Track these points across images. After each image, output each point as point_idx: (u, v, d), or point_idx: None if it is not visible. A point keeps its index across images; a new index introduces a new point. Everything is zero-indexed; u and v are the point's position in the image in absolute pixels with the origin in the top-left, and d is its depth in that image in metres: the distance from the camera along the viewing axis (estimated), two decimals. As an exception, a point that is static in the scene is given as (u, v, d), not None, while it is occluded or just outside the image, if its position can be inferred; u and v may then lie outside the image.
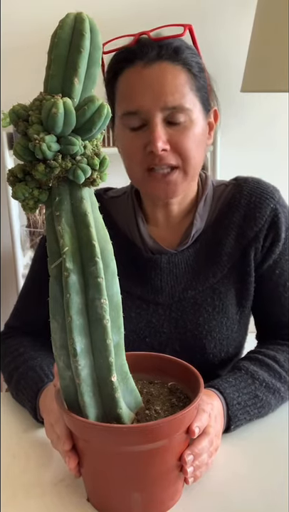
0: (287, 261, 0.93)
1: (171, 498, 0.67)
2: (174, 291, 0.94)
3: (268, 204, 0.92)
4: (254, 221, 0.92)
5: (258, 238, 0.92)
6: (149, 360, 0.75)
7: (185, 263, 0.94)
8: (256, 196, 0.93)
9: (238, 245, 0.93)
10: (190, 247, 0.95)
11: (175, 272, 0.94)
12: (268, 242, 0.93)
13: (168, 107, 0.82)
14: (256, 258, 0.93)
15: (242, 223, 0.93)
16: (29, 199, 0.56)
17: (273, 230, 0.92)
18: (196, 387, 0.66)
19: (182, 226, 0.97)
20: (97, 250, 0.57)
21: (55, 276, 0.58)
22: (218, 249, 0.94)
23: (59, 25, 0.54)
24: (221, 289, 0.94)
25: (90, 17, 0.54)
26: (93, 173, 0.56)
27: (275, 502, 0.67)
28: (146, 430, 0.59)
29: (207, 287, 0.94)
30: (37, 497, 0.69)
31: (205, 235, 0.95)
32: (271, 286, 0.94)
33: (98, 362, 0.60)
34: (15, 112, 0.54)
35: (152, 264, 0.94)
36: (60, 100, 0.51)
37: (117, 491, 0.64)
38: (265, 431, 0.82)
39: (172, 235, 0.97)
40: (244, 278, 0.94)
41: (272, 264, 0.93)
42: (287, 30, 1.39)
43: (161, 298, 0.95)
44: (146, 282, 0.95)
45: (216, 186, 0.99)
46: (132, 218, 0.97)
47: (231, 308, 0.95)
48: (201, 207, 0.95)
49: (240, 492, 0.68)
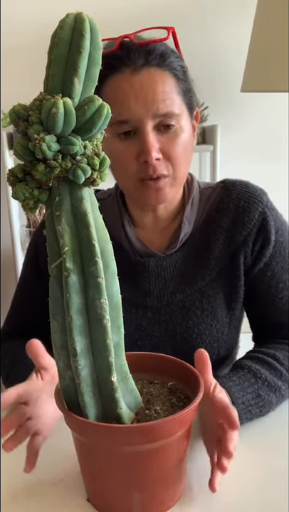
0: (278, 263, 0.94)
1: (171, 498, 0.67)
2: (163, 294, 0.94)
3: (256, 208, 0.92)
4: (243, 225, 0.92)
5: (247, 242, 0.92)
6: (149, 360, 0.75)
7: (173, 266, 0.94)
8: (244, 200, 0.93)
9: (226, 249, 0.93)
10: (178, 251, 0.95)
11: (163, 276, 0.94)
12: (257, 246, 0.93)
13: (159, 114, 0.82)
14: (246, 262, 0.94)
15: (231, 227, 0.93)
16: (29, 199, 0.56)
17: (262, 233, 0.92)
18: (196, 387, 0.66)
19: (169, 229, 0.96)
20: (97, 250, 0.57)
21: (55, 276, 0.58)
22: (206, 253, 0.94)
23: (59, 25, 0.53)
24: (209, 292, 0.94)
25: (90, 17, 0.54)
26: (93, 173, 0.56)
27: (275, 502, 0.67)
28: (146, 430, 0.59)
29: (195, 290, 0.94)
30: (37, 497, 0.69)
31: (193, 239, 0.95)
32: (264, 288, 0.94)
33: (98, 362, 0.60)
34: (15, 111, 0.54)
35: (140, 268, 0.94)
36: (60, 100, 0.51)
37: (117, 491, 0.64)
38: (265, 431, 0.82)
39: (160, 238, 0.97)
40: (233, 281, 0.94)
41: (264, 267, 0.94)
42: (287, 30, 1.39)
43: (150, 301, 0.95)
44: (134, 286, 0.94)
45: (203, 189, 0.99)
46: (118, 221, 0.96)
47: (220, 311, 0.95)
48: (188, 210, 0.95)
49: (240, 492, 0.68)
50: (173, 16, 1.72)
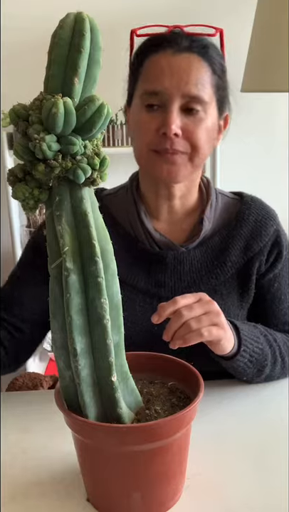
0: (284, 277, 1.02)
1: (171, 498, 0.67)
2: (177, 287, 0.97)
3: (271, 225, 1.00)
4: (260, 237, 0.99)
5: (262, 252, 0.99)
6: (149, 360, 0.75)
7: (190, 263, 0.98)
8: (262, 216, 1.01)
9: (243, 255, 0.99)
10: (196, 249, 0.98)
11: (179, 270, 0.97)
12: (272, 258, 1.00)
13: (188, 95, 0.86)
14: (260, 269, 1.00)
15: (249, 237, 0.99)
16: (29, 199, 0.56)
17: (276, 247, 1.00)
18: (196, 387, 0.66)
19: (187, 225, 1.00)
20: (97, 250, 0.57)
21: (55, 276, 0.58)
22: (223, 255, 0.99)
23: (59, 25, 0.53)
24: (222, 290, 0.98)
25: (90, 17, 0.54)
26: (93, 173, 0.56)
27: (275, 502, 0.67)
28: (146, 430, 0.59)
29: (209, 288, 0.97)
30: (37, 497, 0.69)
31: (212, 240, 0.99)
32: (269, 297, 1.02)
33: (98, 362, 0.60)
34: (15, 111, 0.54)
35: (158, 259, 0.97)
36: (60, 100, 0.51)
37: (117, 490, 0.64)
38: (265, 431, 0.82)
39: (176, 232, 1.00)
40: (246, 284, 1.00)
41: (272, 277, 1.01)
42: (287, 30, 1.39)
43: (164, 292, 0.97)
44: (150, 276, 0.97)
45: (220, 193, 1.04)
46: (133, 213, 0.98)
47: (233, 309, 0.98)
48: (208, 210, 0.99)
49: (240, 492, 0.68)
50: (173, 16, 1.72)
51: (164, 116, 0.87)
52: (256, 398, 0.91)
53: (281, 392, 0.93)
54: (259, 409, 0.88)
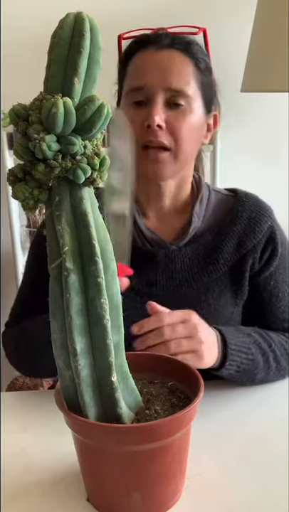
0: (280, 274, 1.00)
1: (171, 498, 0.67)
2: (169, 285, 0.97)
3: (265, 221, 0.99)
4: (253, 234, 0.98)
5: (256, 250, 0.98)
6: (149, 360, 0.75)
7: (181, 261, 0.97)
8: (256, 213, 1.00)
9: (236, 252, 0.98)
10: (188, 246, 0.98)
11: (170, 268, 0.97)
12: (266, 255, 0.99)
13: (171, 89, 0.88)
14: (254, 267, 0.99)
15: (242, 234, 0.98)
16: (29, 199, 0.56)
17: (271, 244, 0.99)
18: (196, 387, 0.66)
19: (177, 222, 1.00)
20: (97, 250, 0.57)
21: (55, 276, 0.58)
22: (216, 253, 0.98)
23: (59, 25, 0.53)
24: (215, 288, 0.97)
25: (90, 17, 0.54)
26: (93, 173, 0.56)
27: (275, 502, 0.67)
28: (146, 430, 0.59)
29: (201, 285, 0.97)
30: (37, 497, 0.69)
31: (204, 237, 0.98)
32: (265, 295, 1.01)
33: (98, 362, 0.60)
34: (15, 111, 0.54)
35: (149, 257, 0.97)
36: (60, 100, 0.51)
37: (117, 491, 0.64)
38: (266, 431, 0.82)
39: (167, 229, 1.00)
40: (240, 281, 0.98)
41: (268, 275, 1.00)
42: (287, 30, 1.39)
43: (156, 291, 0.97)
44: (141, 275, 0.96)
45: (214, 191, 1.04)
46: None
47: (226, 308, 0.98)
48: (198, 206, 0.99)
49: (240, 492, 0.68)
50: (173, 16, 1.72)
51: (149, 110, 0.88)
52: (256, 398, 0.91)
53: (281, 392, 0.93)
54: (259, 409, 0.88)
